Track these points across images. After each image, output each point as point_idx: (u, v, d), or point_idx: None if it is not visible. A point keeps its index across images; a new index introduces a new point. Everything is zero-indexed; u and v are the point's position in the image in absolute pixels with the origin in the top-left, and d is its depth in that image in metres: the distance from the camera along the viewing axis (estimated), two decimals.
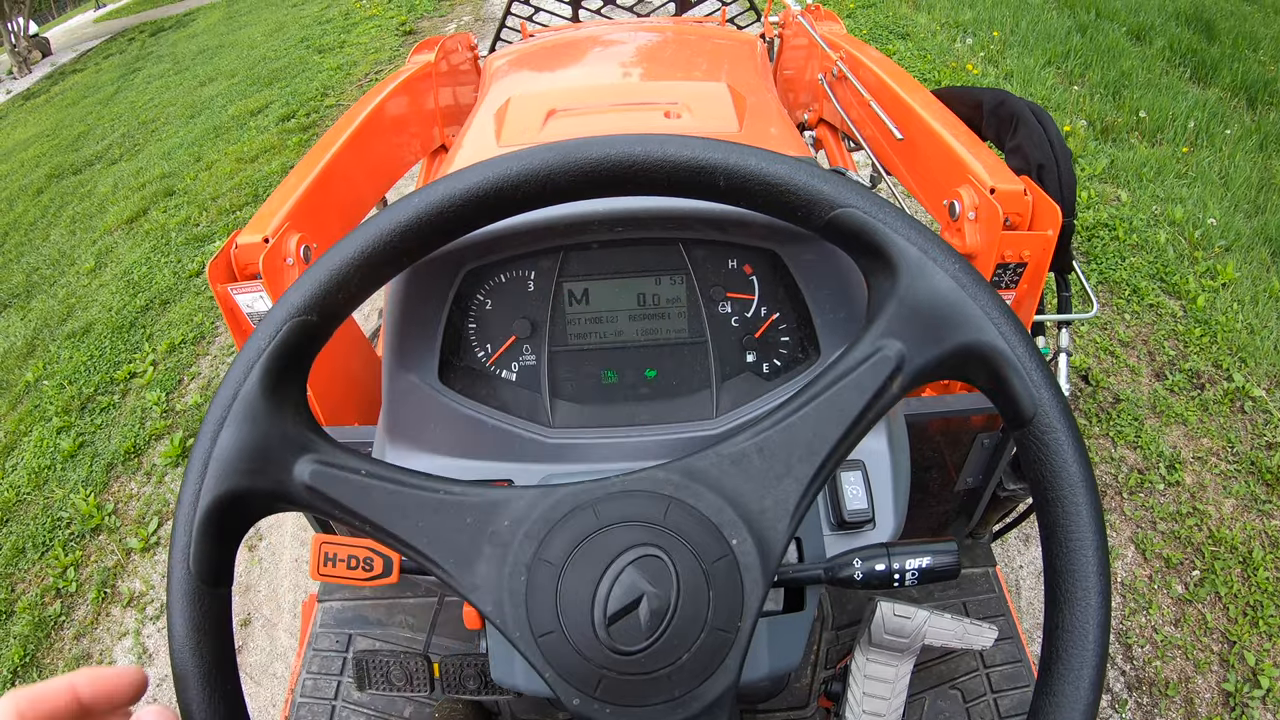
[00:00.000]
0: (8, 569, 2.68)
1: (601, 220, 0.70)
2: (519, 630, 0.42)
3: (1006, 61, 4.53)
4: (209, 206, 4.74)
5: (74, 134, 7.24)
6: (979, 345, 0.46)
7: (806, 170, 0.50)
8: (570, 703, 0.42)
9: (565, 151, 0.50)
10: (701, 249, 0.76)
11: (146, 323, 3.82)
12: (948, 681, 1.11)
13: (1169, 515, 2.16)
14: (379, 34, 7.20)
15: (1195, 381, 2.50)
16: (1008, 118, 1.13)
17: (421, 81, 1.53)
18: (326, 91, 6.09)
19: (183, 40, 9.75)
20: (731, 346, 0.79)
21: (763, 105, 1.05)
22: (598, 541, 0.43)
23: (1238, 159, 3.49)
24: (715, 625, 0.42)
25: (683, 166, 0.50)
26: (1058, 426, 0.44)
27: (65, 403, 3.36)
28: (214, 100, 6.75)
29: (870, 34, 5.17)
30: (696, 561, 0.43)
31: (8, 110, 9.23)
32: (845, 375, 0.47)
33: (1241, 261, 2.91)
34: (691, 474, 0.45)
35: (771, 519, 0.44)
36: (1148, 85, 4.13)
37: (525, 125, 0.91)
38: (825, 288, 0.73)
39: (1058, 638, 0.42)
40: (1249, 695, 1.78)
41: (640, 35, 1.54)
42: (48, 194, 6.00)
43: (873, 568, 0.51)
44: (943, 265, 0.47)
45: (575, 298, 0.78)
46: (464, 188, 0.50)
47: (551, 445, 0.75)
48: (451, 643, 1.17)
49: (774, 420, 0.46)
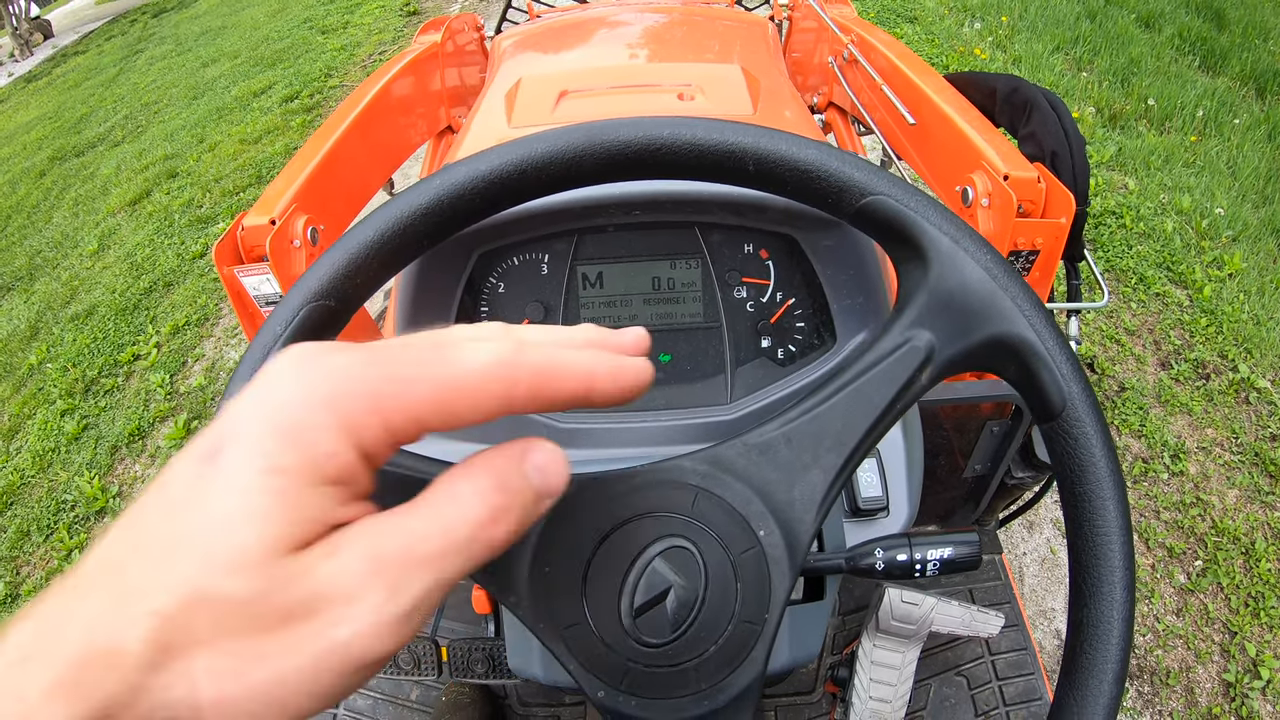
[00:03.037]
0: (12, 552, 2.69)
1: (617, 203, 0.69)
2: (543, 622, 0.42)
3: (1015, 47, 4.50)
4: (212, 188, 4.72)
5: (76, 116, 7.21)
6: (1009, 337, 0.46)
7: (838, 156, 0.49)
8: (595, 695, 0.42)
9: (592, 133, 0.49)
10: (717, 233, 0.76)
11: (150, 305, 3.81)
12: (953, 668, 1.11)
13: (1172, 505, 2.16)
14: (383, 14, 7.15)
15: (1200, 371, 2.50)
16: (1021, 104, 1.12)
17: (428, 62, 1.51)
18: (330, 72, 6.05)
19: (185, 21, 9.68)
20: (746, 331, 0.78)
21: (776, 88, 1.03)
22: (625, 533, 0.43)
23: (1246, 149, 3.47)
24: (743, 617, 0.42)
25: (712, 150, 0.49)
26: (1086, 420, 0.44)
27: (69, 385, 3.37)
28: (217, 81, 6.72)
29: (877, 17, 5.12)
30: (724, 553, 0.42)
31: (10, 93, 9.18)
32: (874, 365, 0.46)
33: (1248, 252, 2.90)
34: (718, 463, 0.44)
35: (799, 510, 0.44)
36: (1157, 73, 4.09)
37: (537, 106, 0.90)
38: (842, 273, 0.73)
39: (1082, 632, 0.42)
40: (1249, 686, 1.79)
41: (649, 16, 1.52)
42: (50, 176, 5.98)
43: (894, 558, 0.51)
44: (974, 256, 0.46)
45: (589, 281, 0.77)
46: (487, 169, 0.49)
47: (564, 430, 0.75)
48: (459, 626, 1.17)
49: (801, 410, 0.46)
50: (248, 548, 0.24)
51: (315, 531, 0.26)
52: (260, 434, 0.25)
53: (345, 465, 0.26)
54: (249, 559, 0.24)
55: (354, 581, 0.25)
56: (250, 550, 0.24)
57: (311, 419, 0.26)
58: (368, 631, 0.25)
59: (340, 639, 0.25)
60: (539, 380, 0.29)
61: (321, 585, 0.25)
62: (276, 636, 0.24)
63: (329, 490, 0.26)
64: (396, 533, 0.27)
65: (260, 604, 0.24)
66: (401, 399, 0.27)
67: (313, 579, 0.25)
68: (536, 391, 0.29)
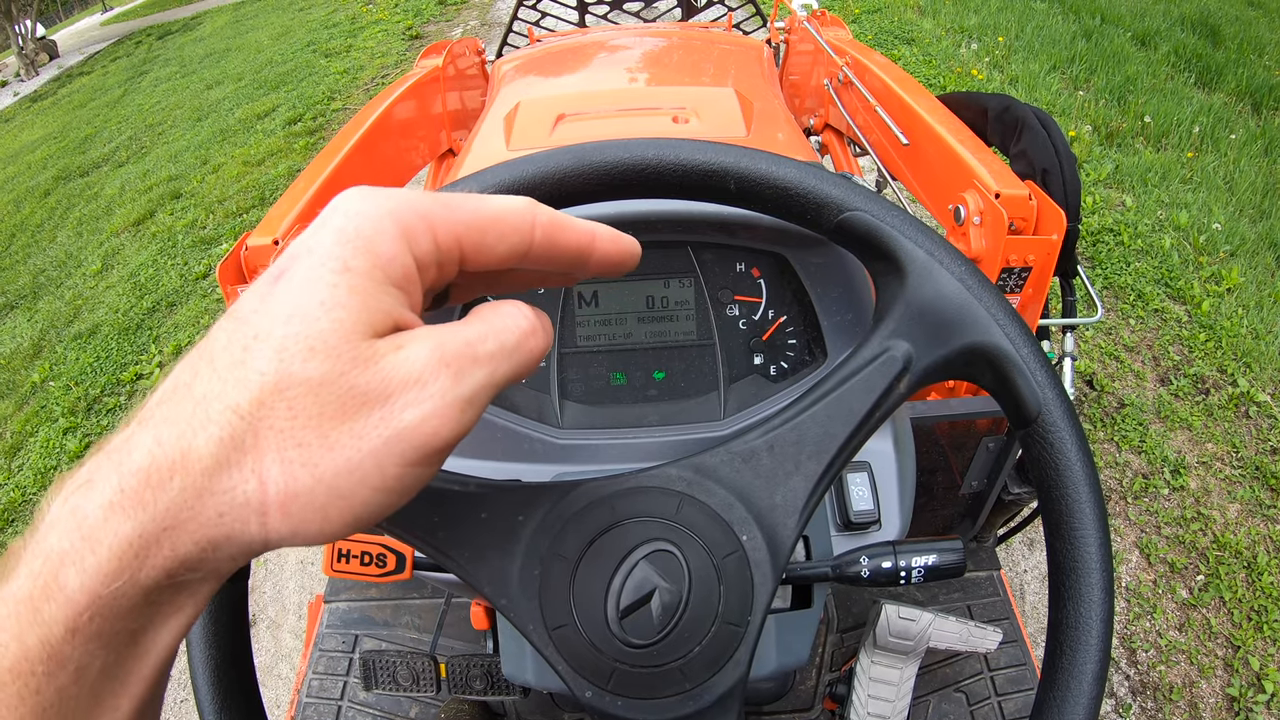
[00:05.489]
0: None
1: (611, 223, 0.70)
2: (532, 624, 0.43)
3: (1011, 67, 4.54)
4: (216, 209, 4.76)
5: (81, 136, 7.28)
6: (984, 346, 0.47)
7: (815, 174, 0.51)
8: (583, 695, 0.43)
9: (580, 155, 0.51)
10: (710, 252, 0.77)
11: (153, 325, 3.83)
12: (952, 684, 1.11)
13: (1173, 520, 2.16)
14: (385, 38, 7.23)
15: (1200, 386, 2.50)
16: (1012, 123, 1.14)
17: (429, 86, 1.54)
18: (333, 95, 6.12)
19: (190, 44, 9.79)
20: (739, 349, 0.79)
21: (770, 110, 1.05)
22: (612, 536, 0.44)
23: (1243, 164, 3.49)
24: (726, 619, 0.43)
25: (695, 170, 0.51)
26: (1061, 425, 0.45)
27: (72, 404, 3.38)
28: (221, 103, 6.79)
29: (875, 39, 5.18)
30: (708, 557, 0.43)
31: (15, 112, 9.28)
32: (853, 375, 0.47)
33: (1246, 266, 2.91)
34: (703, 471, 0.46)
35: (781, 515, 0.45)
36: (1153, 90, 4.13)
37: (535, 129, 0.92)
38: (832, 291, 0.74)
39: (1061, 633, 0.43)
40: (1253, 700, 1.78)
41: (647, 40, 1.54)
42: (54, 196, 6.03)
43: (879, 565, 0.52)
44: (949, 268, 0.48)
45: (584, 300, 0.78)
46: (479, 190, 0.51)
47: (560, 446, 0.76)
48: (458, 643, 1.18)
49: (783, 419, 0.47)
50: (324, 332, 0.26)
51: (385, 324, 0.27)
52: (331, 243, 0.27)
53: (407, 270, 0.28)
54: (326, 343, 0.26)
55: (423, 368, 0.27)
56: (327, 335, 0.26)
57: (377, 227, 0.28)
58: (435, 414, 0.27)
59: (410, 421, 0.26)
60: (552, 227, 0.33)
61: (393, 370, 0.27)
62: (349, 420, 0.26)
63: (394, 291, 0.28)
64: (457, 333, 0.29)
65: (336, 386, 0.26)
66: (448, 219, 0.30)
67: (386, 364, 0.27)
68: (550, 236, 0.33)
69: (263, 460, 0.25)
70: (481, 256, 0.31)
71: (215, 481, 0.24)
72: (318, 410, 0.25)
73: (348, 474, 0.26)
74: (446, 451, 0.28)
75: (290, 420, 0.25)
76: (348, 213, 0.28)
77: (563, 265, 0.35)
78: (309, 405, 0.25)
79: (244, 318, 0.27)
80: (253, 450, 0.25)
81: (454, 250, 0.30)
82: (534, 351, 0.32)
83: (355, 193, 0.29)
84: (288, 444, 0.25)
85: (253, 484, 0.25)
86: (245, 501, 0.25)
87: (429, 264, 0.29)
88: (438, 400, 0.27)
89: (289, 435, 0.25)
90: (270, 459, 0.25)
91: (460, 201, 0.31)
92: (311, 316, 0.26)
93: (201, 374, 0.26)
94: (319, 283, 0.26)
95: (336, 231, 0.28)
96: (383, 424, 0.26)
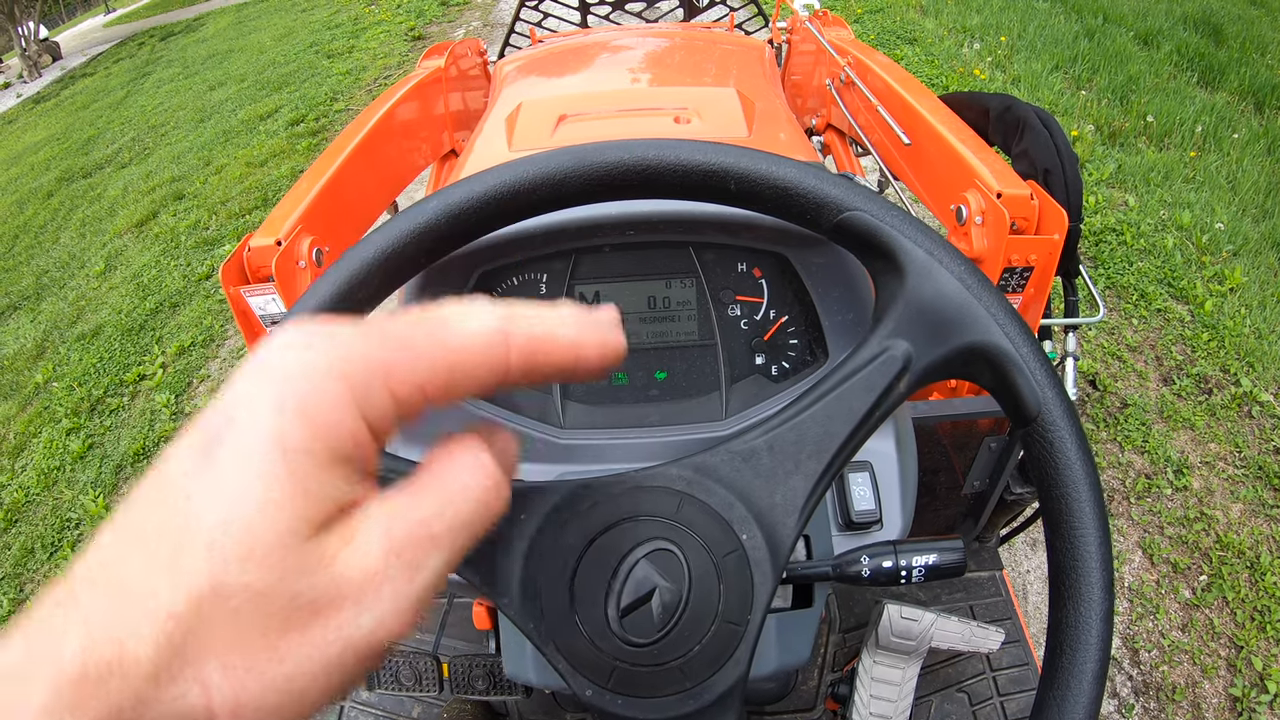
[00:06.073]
0: (17, 569, 2.70)
1: (613, 224, 0.71)
2: (533, 622, 0.43)
3: (1014, 66, 4.53)
4: (218, 210, 4.76)
5: (84, 137, 7.29)
6: (984, 345, 0.47)
7: (815, 174, 0.51)
8: (584, 694, 0.43)
9: (580, 156, 0.51)
10: (711, 252, 0.77)
11: (156, 325, 3.84)
12: (954, 684, 1.11)
13: (1176, 520, 2.16)
14: (388, 39, 7.24)
15: (1203, 386, 2.50)
16: (1014, 123, 1.14)
17: (431, 87, 1.54)
18: (335, 96, 6.12)
19: (192, 45, 9.81)
20: (741, 349, 0.79)
21: (772, 110, 1.05)
22: (612, 535, 0.44)
23: (1245, 163, 3.49)
24: (726, 618, 0.43)
25: (695, 170, 0.51)
26: (1061, 424, 0.45)
27: (75, 404, 3.39)
28: (223, 104, 6.80)
29: (878, 39, 5.18)
30: (708, 555, 0.43)
31: (18, 114, 9.30)
32: (853, 374, 0.47)
33: (1249, 266, 2.91)
34: (703, 470, 0.46)
35: (781, 514, 0.45)
36: (1155, 90, 4.12)
37: (537, 130, 0.92)
38: (833, 291, 0.74)
39: (1061, 632, 0.43)
40: (1256, 700, 1.78)
41: (649, 41, 1.55)
42: (58, 197, 6.04)
43: (880, 564, 0.52)
44: (948, 267, 0.48)
45: (587, 300, 0.78)
46: (481, 191, 0.51)
47: (562, 446, 0.76)
48: (460, 643, 1.18)
49: (783, 418, 0.47)
50: (262, 535, 0.23)
51: (329, 514, 0.25)
52: (267, 411, 0.24)
53: (357, 436, 0.25)
54: (265, 547, 0.23)
55: (375, 566, 0.25)
56: (265, 538, 0.23)
57: (323, 391, 0.24)
58: (390, 616, 0.25)
59: (365, 628, 0.24)
60: (531, 352, 0.29)
61: (343, 571, 0.24)
62: (298, 630, 0.23)
63: (341, 469, 0.25)
64: (409, 512, 0.26)
65: (279, 595, 0.23)
66: (407, 367, 0.26)
67: (333, 567, 0.24)
68: (529, 359, 0.29)
69: (204, 669, 0.22)
70: (449, 397, 0.28)
71: (156, 690, 0.22)
72: (262, 621, 0.23)
73: (300, 679, 0.23)
74: (399, 642, 0.26)
75: (233, 629, 0.23)
76: (286, 375, 0.24)
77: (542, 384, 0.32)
78: (251, 615, 0.23)
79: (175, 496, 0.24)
80: (194, 660, 0.22)
81: (416, 400, 0.27)
82: (493, 514, 0.29)
83: (297, 337, 0.25)
84: (232, 653, 0.23)
85: (196, 691, 0.22)
86: (190, 710, 0.22)
87: (385, 424, 0.26)
88: (389, 603, 0.25)
89: (233, 644, 0.23)
90: (212, 667, 0.22)
91: (422, 339, 0.27)
92: (245, 515, 0.23)
93: (130, 559, 0.23)
94: (252, 470, 0.23)
95: (272, 398, 0.24)
96: (335, 633, 0.24)
